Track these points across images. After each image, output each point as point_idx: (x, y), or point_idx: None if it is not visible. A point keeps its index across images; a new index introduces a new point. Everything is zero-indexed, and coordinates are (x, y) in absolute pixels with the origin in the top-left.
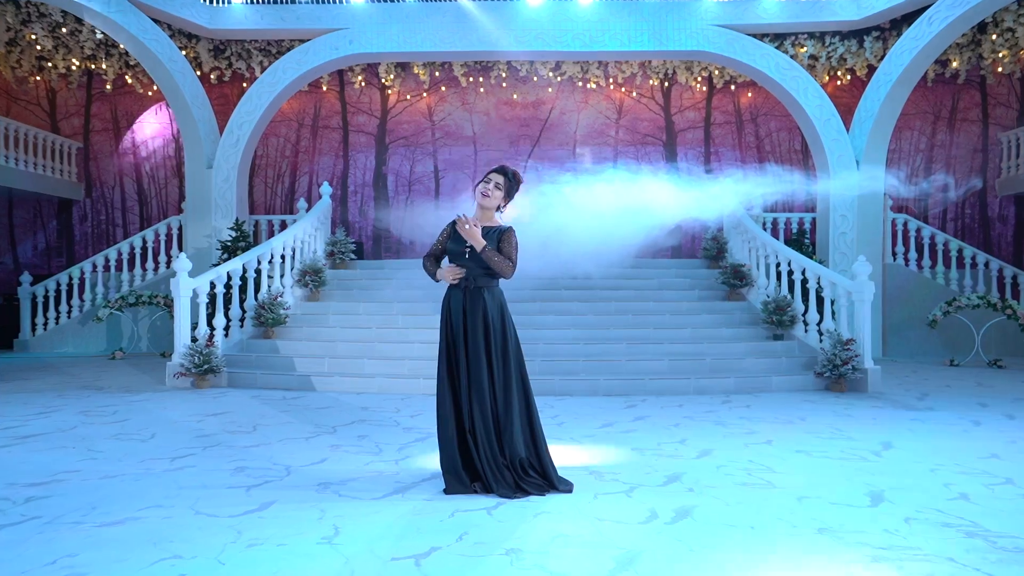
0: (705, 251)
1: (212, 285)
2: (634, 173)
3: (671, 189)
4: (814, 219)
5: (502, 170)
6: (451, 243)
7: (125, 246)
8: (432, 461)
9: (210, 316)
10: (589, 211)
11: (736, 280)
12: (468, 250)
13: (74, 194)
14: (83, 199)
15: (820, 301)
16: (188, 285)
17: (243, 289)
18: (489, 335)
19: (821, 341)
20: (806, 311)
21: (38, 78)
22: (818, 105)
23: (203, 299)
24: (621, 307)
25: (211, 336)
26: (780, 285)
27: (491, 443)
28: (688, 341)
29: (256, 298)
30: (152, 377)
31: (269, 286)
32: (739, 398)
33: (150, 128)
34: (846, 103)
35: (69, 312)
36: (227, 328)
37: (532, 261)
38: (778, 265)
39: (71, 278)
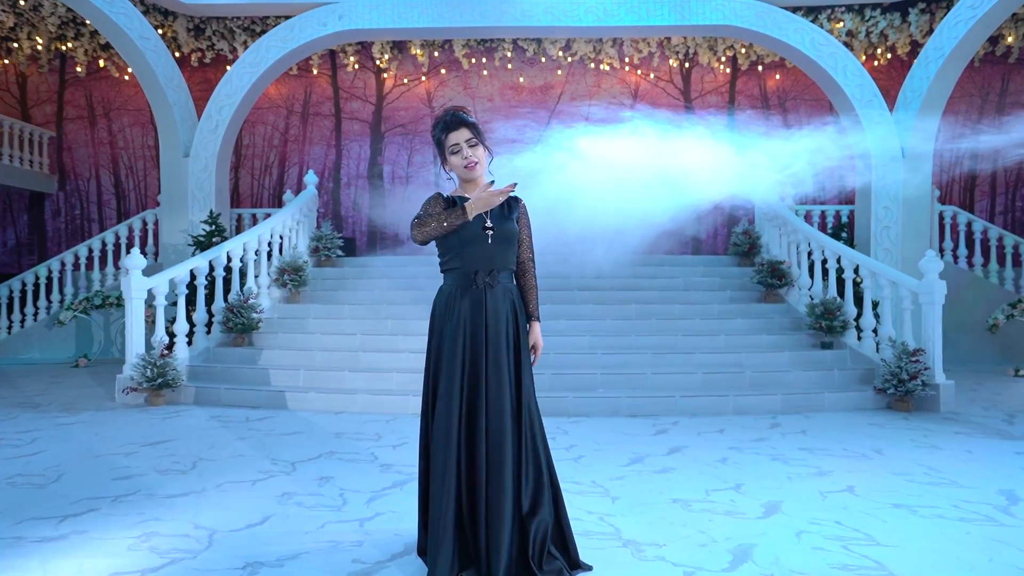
0: (735, 246)
1: (172, 285)
2: (659, 140)
3: (702, 161)
4: (851, 212)
5: (460, 121)
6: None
7: (96, 242)
8: (410, 523)
9: (172, 321)
10: (605, 195)
11: (774, 279)
12: (492, 231)
13: (46, 187)
14: (56, 192)
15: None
16: (142, 285)
17: (211, 290)
18: (513, 350)
19: (878, 350)
20: (859, 315)
21: (6, 61)
22: (858, 85)
23: (160, 301)
24: (643, 310)
25: (169, 344)
26: (827, 285)
27: (501, 505)
28: (723, 350)
29: (226, 300)
30: (106, 391)
31: (241, 286)
32: (789, 420)
33: (127, 115)
34: (883, 86)
35: (36, 314)
36: (191, 335)
37: (539, 255)
38: (824, 262)
39: (38, 277)
